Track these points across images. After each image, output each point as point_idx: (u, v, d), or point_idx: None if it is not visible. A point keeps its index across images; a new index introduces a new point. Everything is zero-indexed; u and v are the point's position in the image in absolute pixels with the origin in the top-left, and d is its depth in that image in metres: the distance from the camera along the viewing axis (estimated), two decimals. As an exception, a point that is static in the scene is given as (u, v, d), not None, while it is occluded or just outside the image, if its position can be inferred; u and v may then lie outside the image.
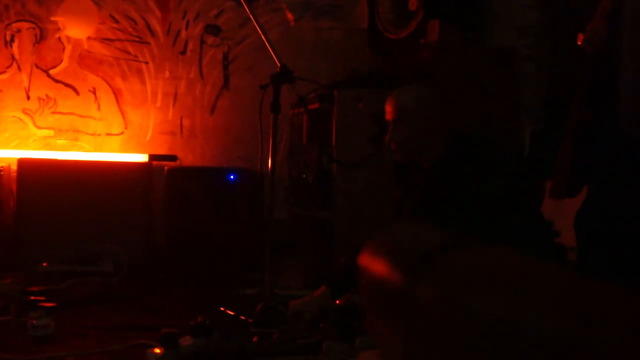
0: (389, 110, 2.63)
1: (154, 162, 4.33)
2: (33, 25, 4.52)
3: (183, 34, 4.72)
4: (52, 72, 4.56)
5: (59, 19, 4.52)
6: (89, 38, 4.59)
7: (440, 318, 0.44)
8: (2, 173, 4.13)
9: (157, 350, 2.22)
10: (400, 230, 0.56)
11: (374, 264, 0.52)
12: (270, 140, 2.76)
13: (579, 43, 3.07)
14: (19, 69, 4.53)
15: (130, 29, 4.65)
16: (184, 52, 4.72)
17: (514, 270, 0.44)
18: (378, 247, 0.53)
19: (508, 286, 0.42)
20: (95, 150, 4.57)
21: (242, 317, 2.77)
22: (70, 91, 4.59)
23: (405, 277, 0.49)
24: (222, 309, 2.90)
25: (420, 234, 0.53)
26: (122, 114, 4.64)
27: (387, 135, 2.62)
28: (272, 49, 2.81)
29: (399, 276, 0.49)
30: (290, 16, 4.78)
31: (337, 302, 2.61)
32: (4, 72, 4.52)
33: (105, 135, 4.62)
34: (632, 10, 3.50)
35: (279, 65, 2.77)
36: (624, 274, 2.82)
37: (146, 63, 4.68)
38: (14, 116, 4.52)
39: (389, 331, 0.50)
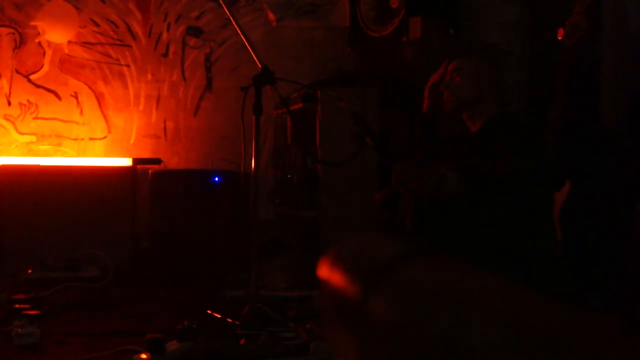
0: (452, 66, 2.73)
1: (138, 166, 4.31)
2: (12, 31, 4.48)
3: (164, 36, 4.70)
4: (33, 77, 4.53)
5: (38, 23, 4.49)
6: (69, 42, 4.56)
7: (392, 332, 0.44)
8: (-16, 180, 4.09)
9: (144, 356, 2.21)
10: (359, 240, 0.56)
11: (332, 274, 0.53)
12: (253, 141, 2.76)
13: (560, 38, 3.08)
14: (-1, 74, 4.49)
15: (111, 32, 4.63)
16: (165, 55, 4.70)
17: (465, 287, 0.44)
18: (337, 257, 0.54)
19: (458, 304, 0.42)
20: (78, 155, 4.55)
21: (229, 320, 2.76)
22: (51, 96, 4.56)
23: (359, 290, 0.49)
24: (208, 311, 2.89)
25: (379, 244, 0.53)
26: (105, 118, 4.62)
27: (444, 86, 2.70)
28: (252, 51, 2.80)
29: (353, 288, 0.50)
30: (271, 16, 4.76)
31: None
32: (-16, 78, 4.48)
33: (88, 140, 4.59)
34: (611, 4, 3.52)
35: (260, 66, 2.76)
36: (607, 267, 2.84)
37: (128, 66, 4.66)
38: (-5, 122, 4.49)
39: (345, 340, 0.50)
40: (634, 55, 3.52)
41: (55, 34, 4.52)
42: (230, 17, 2.90)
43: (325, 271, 0.53)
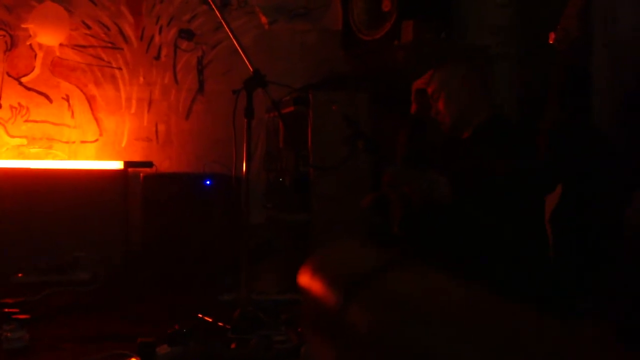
0: (433, 87, 2.70)
1: (130, 169, 4.29)
2: (3, 33, 4.46)
3: (156, 39, 4.68)
4: (24, 79, 4.50)
5: (29, 26, 4.47)
6: (61, 45, 4.54)
7: (369, 342, 0.44)
8: (-26, 183, 4.06)
9: (134, 360, 2.20)
10: (340, 249, 0.56)
11: (312, 283, 0.53)
12: (245, 145, 2.75)
13: (551, 42, 3.09)
14: (-10, 77, 4.47)
15: (102, 35, 4.61)
16: (157, 58, 4.69)
17: (442, 299, 0.44)
18: (318, 266, 0.54)
19: (433, 316, 0.42)
20: (69, 158, 4.52)
21: (220, 324, 2.75)
22: (43, 99, 4.54)
23: (338, 299, 0.49)
24: (199, 315, 2.88)
25: (359, 254, 0.53)
26: (97, 121, 4.60)
27: (432, 110, 2.68)
28: (244, 54, 2.79)
29: (333, 298, 0.50)
30: (264, 19, 4.76)
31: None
32: (-25, 81, 4.46)
33: (79, 143, 4.57)
34: (602, 8, 3.53)
35: (251, 70, 2.75)
36: (598, 270, 2.84)
37: (120, 69, 4.64)
38: (-14, 125, 4.46)
39: (325, 348, 0.50)
40: (625, 58, 3.53)
41: (47, 37, 4.50)
42: (222, 20, 2.90)
43: (306, 279, 0.54)
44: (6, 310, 2.91)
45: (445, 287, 0.46)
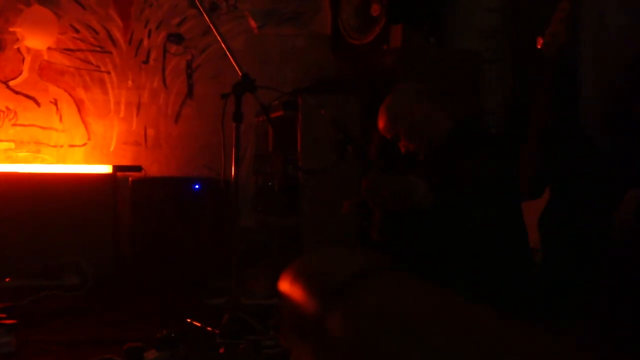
0: (389, 127, 2.60)
1: (118, 173, 4.28)
2: (-9, 37, 4.44)
3: (145, 43, 4.67)
4: (11, 83, 4.48)
5: (17, 29, 4.45)
6: (49, 48, 4.52)
7: (347, 350, 0.44)
8: (-39, 187, 4.04)
9: (122, 365, 2.19)
10: (320, 256, 0.57)
11: (292, 289, 0.53)
12: (233, 149, 2.75)
13: (539, 47, 3.11)
14: (-22, 81, 4.45)
15: (91, 39, 4.60)
16: (146, 62, 4.67)
17: (418, 307, 0.45)
18: (298, 272, 0.54)
19: (410, 325, 0.42)
20: (57, 162, 4.50)
21: (209, 328, 2.74)
22: (31, 103, 4.52)
23: (317, 306, 0.50)
24: (188, 320, 2.87)
25: (338, 261, 0.54)
26: (85, 125, 4.58)
27: (405, 152, 2.61)
28: (232, 58, 2.79)
29: (312, 305, 0.51)
30: (253, 24, 4.76)
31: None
32: (-38, 84, 4.43)
33: (67, 147, 4.56)
34: (590, 13, 3.56)
35: (240, 74, 2.75)
36: (586, 274, 2.86)
37: (108, 73, 4.63)
38: (-27, 129, 4.44)
39: (304, 354, 0.51)
40: (612, 62, 3.56)
41: (35, 40, 4.48)
42: (210, 25, 2.90)
43: (287, 285, 0.55)
44: (-7, 315, 2.89)
45: (423, 295, 0.46)
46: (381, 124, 2.61)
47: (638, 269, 2.92)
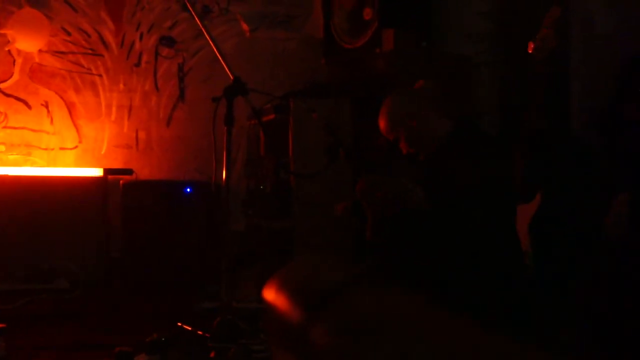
0: (389, 129, 2.59)
1: (109, 176, 4.26)
2: (-19, 39, 4.42)
3: (137, 45, 4.66)
4: (2, 86, 4.46)
5: (8, 31, 4.43)
6: (40, 51, 4.51)
7: None
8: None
9: (111, 370, 2.18)
10: (306, 264, 0.57)
11: (277, 299, 0.53)
12: (224, 152, 2.74)
13: (530, 51, 3.12)
14: (-32, 83, 4.43)
15: (82, 42, 4.59)
16: (138, 64, 4.66)
17: (403, 318, 0.45)
18: (283, 282, 0.54)
19: (395, 336, 0.42)
20: (48, 165, 4.48)
21: (200, 332, 2.73)
22: (21, 105, 4.50)
23: (302, 316, 0.50)
24: (179, 324, 2.86)
25: (324, 270, 0.54)
26: (76, 128, 4.57)
27: (405, 153, 2.59)
28: (224, 62, 2.79)
29: (297, 314, 0.51)
30: (245, 27, 4.76)
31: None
32: (-47, 87, 4.41)
33: (58, 150, 4.54)
34: (579, 18, 3.57)
35: (232, 77, 2.75)
36: (576, 278, 2.87)
37: (100, 76, 4.62)
38: (-37, 132, 4.42)
39: None
40: (601, 67, 3.57)
41: (26, 43, 4.47)
42: (202, 28, 2.89)
43: (271, 295, 0.54)
44: (-18, 319, 2.87)
45: (407, 307, 0.46)
46: (382, 125, 2.61)
47: (630, 273, 2.93)
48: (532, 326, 2.43)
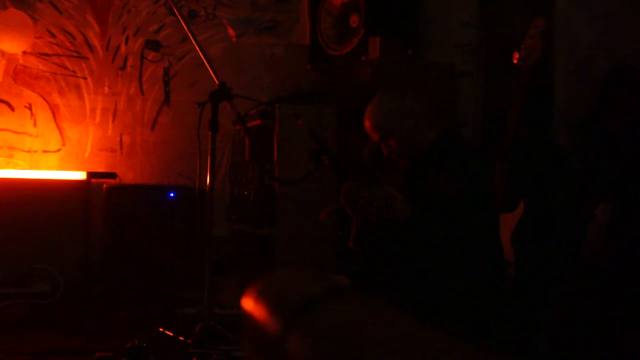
0: (375, 130, 2.57)
1: (93, 180, 4.23)
2: (-35, 40, 4.38)
3: (123, 49, 4.65)
4: (-15, 87, 4.43)
5: (-8, 33, 4.39)
6: (24, 53, 4.47)
7: None
8: None
9: (91, 375, 2.16)
10: (284, 276, 0.57)
11: (255, 308, 0.54)
12: (209, 157, 2.74)
13: (515, 61, 3.15)
14: (-50, 84, 4.38)
15: (68, 44, 4.56)
16: (123, 68, 4.65)
17: (376, 330, 0.45)
18: (261, 292, 0.55)
19: (367, 348, 0.43)
20: (31, 168, 4.45)
21: (181, 338, 2.72)
22: (4, 107, 4.46)
23: (279, 326, 0.50)
24: (160, 329, 2.84)
25: (301, 282, 0.54)
26: (60, 131, 4.54)
27: (387, 155, 2.58)
28: (210, 67, 2.79)
29: (274, 325, 0.51)
30: (231, 32, 4.76)
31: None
32: None
33: (41, 152, 4.50)
34: (563, 29, 3.61)
35: (217, 82, 2.75)
36: (559, 287, 2.88)
37: (84, 78, 4.59)
38: (-55, 133, 4.37)
39: None
40: (585, 78, 3.61)
41: (10, 44, 4.43)
42: (188, 32, 2.89)
43: (250, 304, 0.55)
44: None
45: (382, 320, 0.47)
46: (372, 122, 2.58)
47: (610, 282, 2.96)
48: (510, 336, 2.44)
